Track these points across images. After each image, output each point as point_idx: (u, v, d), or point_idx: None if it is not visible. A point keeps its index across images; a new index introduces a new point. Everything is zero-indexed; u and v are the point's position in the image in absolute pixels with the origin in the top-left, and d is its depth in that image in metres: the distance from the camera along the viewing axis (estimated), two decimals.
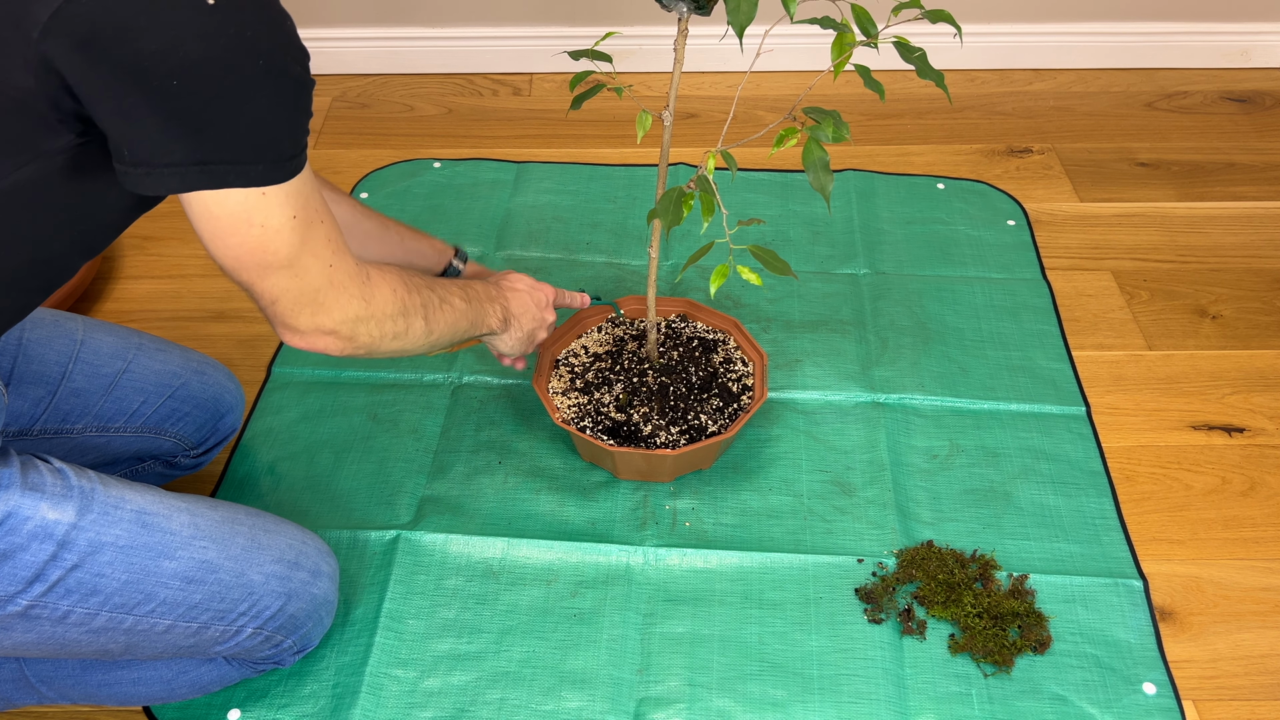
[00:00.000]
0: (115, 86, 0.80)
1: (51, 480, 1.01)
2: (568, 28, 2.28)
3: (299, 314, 1.02)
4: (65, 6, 0.76)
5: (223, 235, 0.93)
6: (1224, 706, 1.25)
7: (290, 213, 0.94)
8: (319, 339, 1.05)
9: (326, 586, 1.20)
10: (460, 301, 1.24)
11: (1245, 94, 2.26)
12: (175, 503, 1.10)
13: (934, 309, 1.73)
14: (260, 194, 0.90)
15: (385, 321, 1.10)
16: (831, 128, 1.06)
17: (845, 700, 1.24)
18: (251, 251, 0.94)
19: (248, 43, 0.83)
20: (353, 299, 1.05)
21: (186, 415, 1.35)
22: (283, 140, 0.90)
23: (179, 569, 1.06)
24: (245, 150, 0.88)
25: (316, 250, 0.99)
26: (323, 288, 1.01)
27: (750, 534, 1.40)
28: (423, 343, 1.18)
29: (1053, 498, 1.45)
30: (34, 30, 0.77)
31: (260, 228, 0.92)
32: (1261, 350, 1.69)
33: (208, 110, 0.83)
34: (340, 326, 1.05)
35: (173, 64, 0.80)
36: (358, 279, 1.05)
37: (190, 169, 0.86)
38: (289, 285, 0.99)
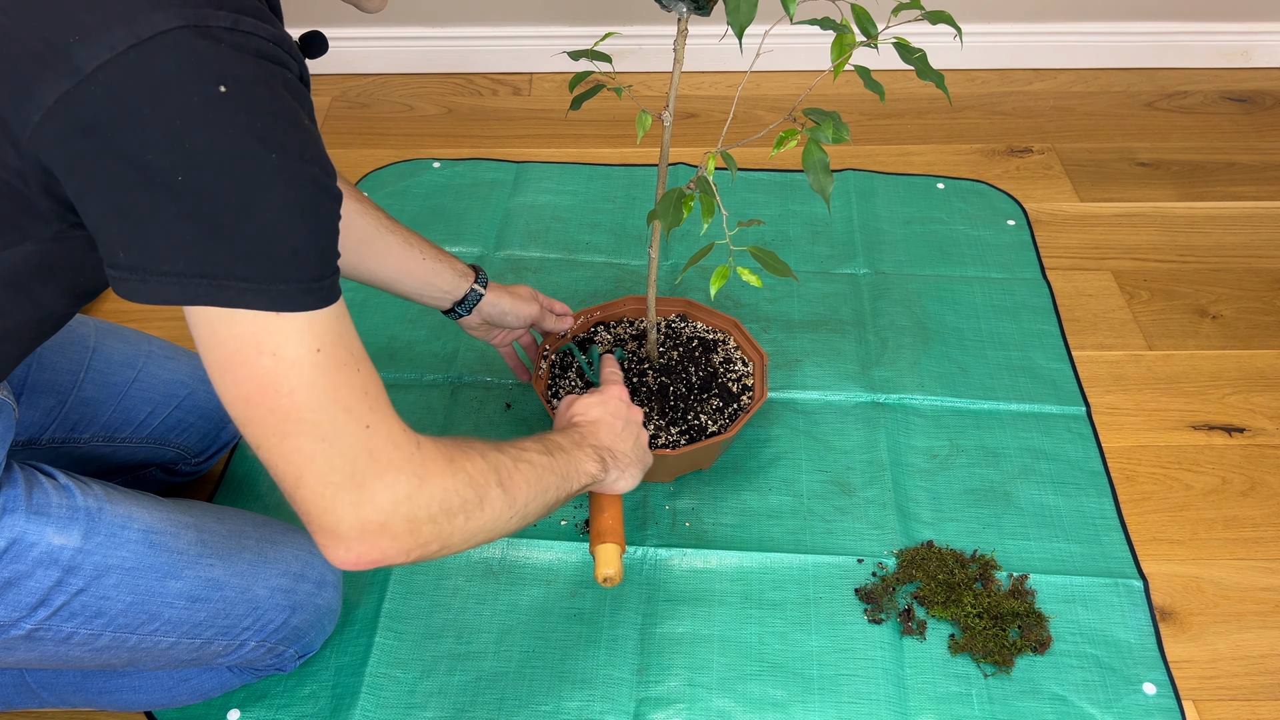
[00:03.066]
0: (118, 178, 0.73)
1: (57, 500, 0.99)
2: (568, 28, 2.28)
3: (336, 502, 0.82)
4: (74, 91, 0.70)
5: (229, 366, 0.78)
6: (1224, 706, 1.25)
7: (313, 345, 0.78)
8: (371, 542, 0.84)
9: (331, 596, 1.20)
10: (540, 456, 1.03)
11: (1245, 94, 2.26)
12: (183, 518, 1.08)
13: (934, 309, 1.73)
14: (272, 316, 0.76)
15: (450, 497, 0.89)
16: (831, 129, 1.05)
17: (845, 700, 1.24)
18: (263, 389, 0.78)
19: (258, 133, 0.74)
20: (400, 473, 0.84)
21: (191, 425, 1.35)
22: (308, 255, 0.77)
23: (185, 588, 1.05)
24: (263, 263, 0.75)
25: (348, 403, 0.81)
26: (359, 456, 0.82)
27: (750, 534, 1.40)
28: (508, 515, 0.96)
29: (1053, 498, 1.45)
30: (35, 113, 0.72)
31: (272, 357, 0.77)
32: (1261, 350, 1.69)
33: (216, 209, 0.73)
34: (392, 518, 0.84)
35: (178, 155, 0.72)
36: (406, 448, 0.86)
37: (196, 281, 0.75)
38: (315, 450, 0.80)
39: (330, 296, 0.79)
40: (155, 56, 0.70)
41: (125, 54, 0.70)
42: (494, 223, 1.92)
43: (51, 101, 0.71)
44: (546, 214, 1.95)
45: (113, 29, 0.70)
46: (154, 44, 0.70)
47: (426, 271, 1.34)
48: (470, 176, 2.04)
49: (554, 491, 1.03)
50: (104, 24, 0.70)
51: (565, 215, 1.94)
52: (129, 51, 0.70)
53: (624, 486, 1.18)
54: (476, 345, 1.66)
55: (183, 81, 0.71)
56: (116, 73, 0.70)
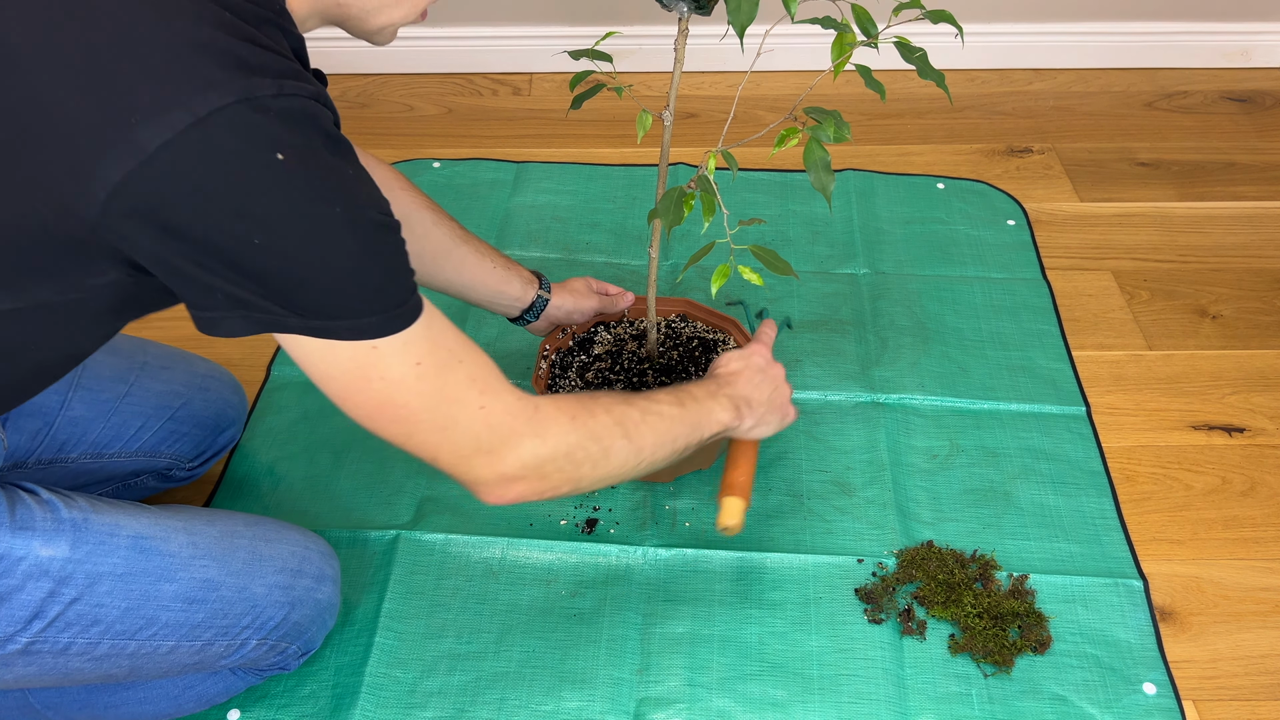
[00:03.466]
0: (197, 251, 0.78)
1: (41, 515, 0.99)
2: (568, 28, 2.28)
3: (471, 465, 0.95)
4: (140, 169, 0.74)
5: (346, 396, 0.88)
6: (1224, 706, 1.25)
7: (413, 360, 0.87)
8: (507, 488, 0.97)
9: (330, 591, 1.20)
10: (670, 407, 1.11)
11: (1245, 94, 2.26)
12: (172, 523, 1.08)
13: (934, 309, 1.73)
14: (371, 348, 0.85)
15: (574, 449, 1.00)
16: (833, 128, 1.05)
17: (845, 700, 1.24)
18: (381, 407, 0.89)
19: (320, 192, 0.79)
20: (522, 436, 0.96)
21: (185, 435, 1.35)
22: (387, 289, 0.85)
23: (180, 590, 1.05)
24: (350, 304, 0.83)
25: (459, 396, 0.91)
26: (481, 433, 0.93)
27: (750, 534, 1.40)
28: (635, 462, 1.07)
29: (1053, 498, 1.45)
30: (101, 191, 0.75)
31: (381, 381, 0.87)
32: (1261, 350, 1.68)
33: (297, 267, 0.80)
34: (523, 468, 0.97)
35: (251, 224, 0.77)
36: (523, 414, 0.96)
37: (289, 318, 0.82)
38: (439, 439, 0.92)
39: (416, 313, 0.87)
40: (215, 133, 0.74)
41: (186, 133, 0.73)
42: (494, 223, 1.92)
43: (118, 179, 0.74)
44: (546, 214, 1.95)
45: (172, 110, 0.73)
46: (211, 121, 0.74)
47: (497, 280, 1.40)
48: (470, 176, 2.04)
49: (684, 439, 1.12)
50: (163, 105, 0.74)
51: (565, 215, 1.94)
52: (189, 130, 0.73)
53: (761, 433, 1.25)
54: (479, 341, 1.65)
55: (243, 154, 0.75)
56: (180, 151, 0.74)
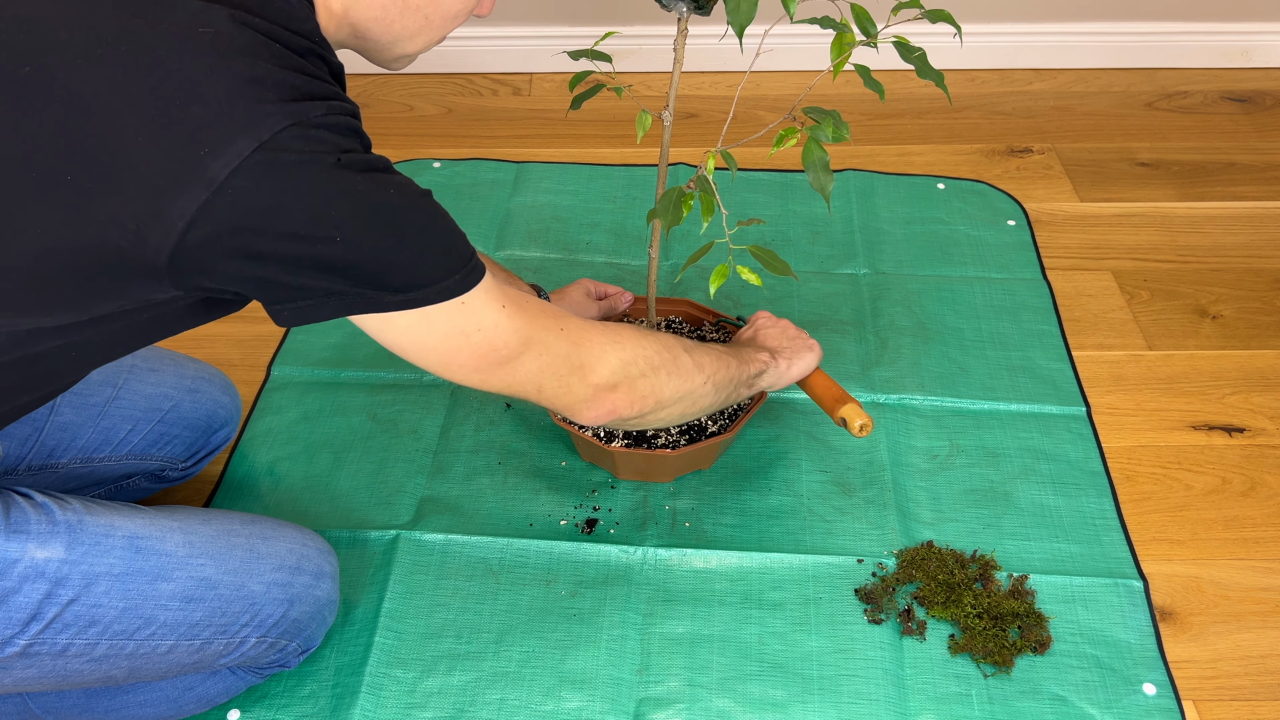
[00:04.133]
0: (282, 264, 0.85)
1: (36, 517, 0.99)
2: (568, 28, 2.28)
3: (570, 385, 1.05)
4: (214, 197, 0.79)
5: (450, 357, 0.96)
6: (1224, 706, 1.25)
7: (499, 304, 0.96)
8: (606, 399, 1.08)
9: (328, 587, 1.20)
10: (714, 346, 1.25)
11: (1245, 94, 2.26)
12: (168, 523, 1.08)
13: (934, 309, 1.73)
14: (461, 305, 0.93)
15: (652, 357, 1.12)
16: (831, 128, 1.06)
17: (845, 701, 1.24)
18: (484, 355, 0.97)
19: (376, 182, 0.87)
20: (604, 346, 1.07)
21: (175, 438, 1.35)
22: (457, 246, 0.94)
23: (177, 589, 1.05)
24: (432, 272, 0.91)
25: (542, 322, 1.01)
26: (569, 351, 1.04)
27: (750, 534, 1.40)
28: (700, 379, 1.18)
29: (1053, 498, 1.45)
30: (179, 222, 0.80)
31: (479, 331, 0.96)
32: (1261, 350, 1.68)
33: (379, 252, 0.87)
34: (615, 377, 1.08)
35: (328, 224, 0.84)
36: (596, 328, 1.08)
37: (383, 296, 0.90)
38: (540, 364, 1.02)
39: (483, 266, 0.96)
40: (280, 151, 0.81)
41: (251, 156, 0.79)
42: (494, 223, 1.92)
43: (194, 211, 0.80)
44: (547, 214, 1.95)
45: (236, 139, 0.79)
46: (274, 143, 0.80)
47: None
48: (470, 176, 2.04)
49: (734, 371, 1.25)
50: (228, 135, 0.79)
51: (565, 215, 1.94)
52: (254, 154, 0.80)
53: (799, 370, 1.36)
54: None
55: (305, 164, 0.82)
56: (250, 174, 0.80)
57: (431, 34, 1.02)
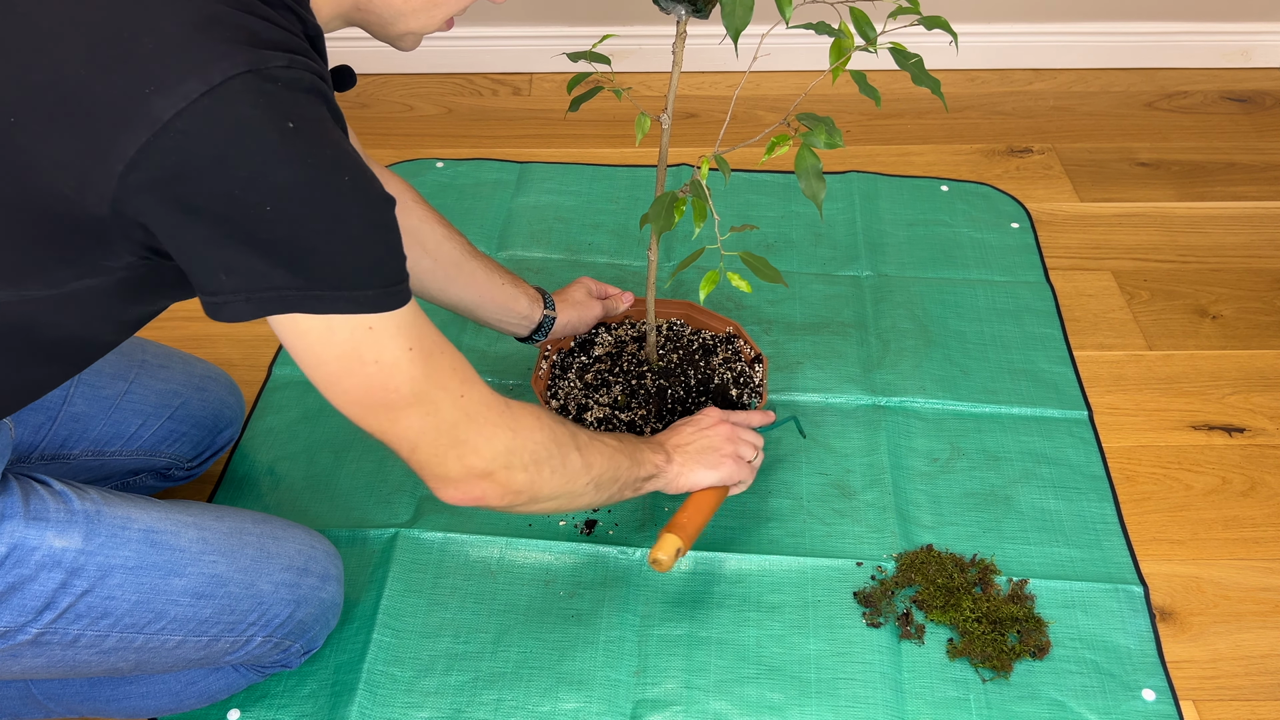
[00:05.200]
0: (208, 221, 0.78)
1: (55, 506, 0.99)
2: (568, 28, 2.28)
3: (445, 458, 0.97)
4: (154, 140, 0.75)
5: (338, 379, 0.89)
6: (1224, 707, 1.25)
7: (405, 344, 0.89)
8: (475, 485, 1.00)
9: (334, 590, 1.20)
10: (611, 439, 1.18)
11: (1245, 94, 2.26)
12: (182, 517, 1.08)
13: (936, 312, 1.73)
14: (368, 329, 0.86)
15: (539, 450, 1.04)
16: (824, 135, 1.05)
17: (842, 704, 1.24)
18: (371, 391, 0.90)
19: (331, 161, 0.81)
20: (497, 428, 0.99)
21: (184, 435, 1.35)
22: (387, 262, 0.86)
23: (189, 585, 1.05)
24: (352, 275, 0.84)
25: (444, 382, 0.94)
26: (460, 421, 0.96)
27: (749, 536, 1.40)
28: (584, 480, 1.11)
29: (1053, 502, 1.45)
30: (119, 163, 0.76)
31: (375, 364, 0.88)
32: (1261, 350, 1.68)
33: (305, 233, 0.81)
34: (493, 465, 1.00)
35: (263, 189, 0.78)
36: (496, 406, 1.00)
37: (293, 292, 0.82)
38: (423, 425, 0.94)
39: (408, 295, 0.89)
40: (228, 101, 0.75)
41: (199, 101, 0.75)
42: (497, 223, 1.92)
43: (133, 152, 0.75)
44: (549, 214, 1.95)
45: (185, 79, 0.75)
46: (224, 89, 0.75)
47: (506, 297, 1.40)
48: (473, 177, 2.04)
49: (626, 471, 1.18)
50: (177, 75, 0.75)
51: (568, 216, 1.94)
52: (202, 99, 0.75)
53: (687, 482, 1.28)
54: (476, 347, 1.66)
55: (256, 122, 0.76)
56: (194, 120, 0.75)
57: (435, 12, 0.95)
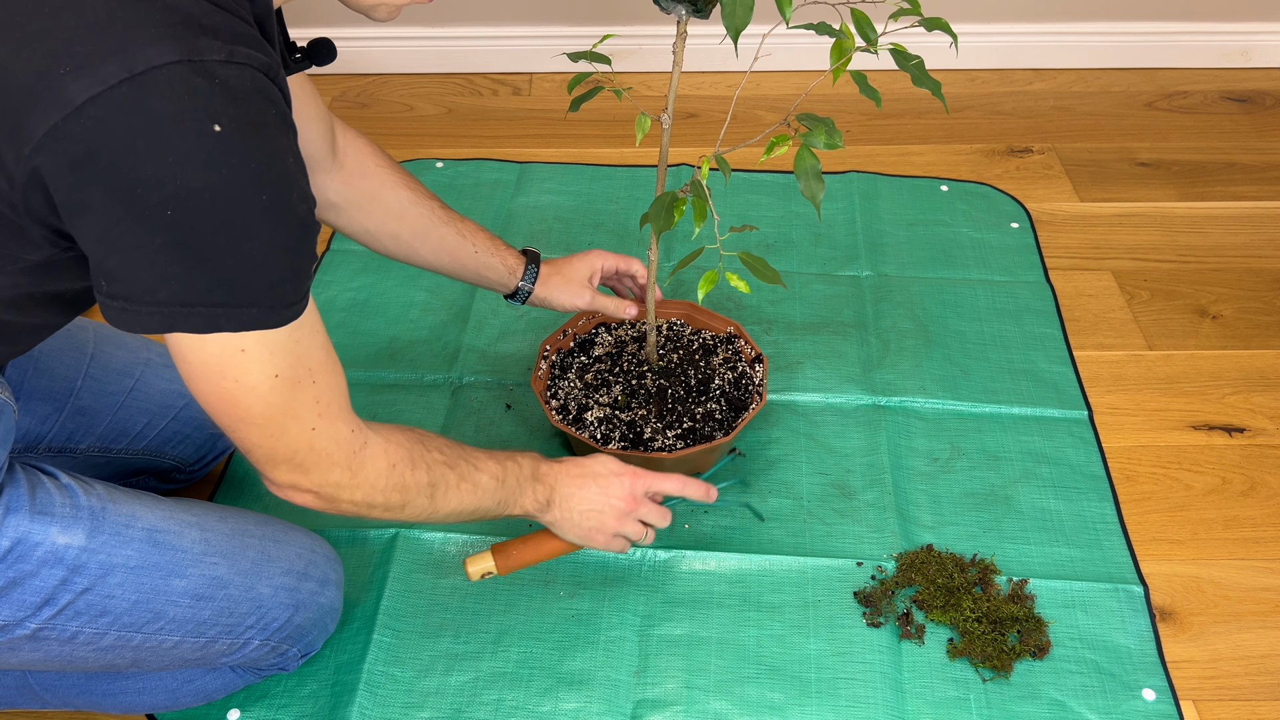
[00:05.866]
0: (106, 211, 0.74)
1: (60, 500, 0.99)
2: (568, 28, 2.28)
3: (274, 469, 0.94)
4: (63, 123, 0.70)
5: (195, 381, 0.85)
6: (1224, 706, 1.25)
7: (271, 371, 0.85)
8: (295, 494, 0.97)
9: (333, 595, 1.20)
10: (489, 479, 1.12)
11: (1245, 94, 2.26)
12: (186, 517, 1.08)
13: (936, 311, 1.73)
14: (239, 350, 0.82)
15: (374, 494, 1.01)
16: (823, 136, 1.05)
17: (843, 704, 1.24)
18: (224, 402, 0.86)
19: (252, 174, 0.75)
20: (335, 467, 0.96)
21: (187, 438, 1.35)
22: (282, 285, 0.82)
23: (189, 587, 1.05)
24: (239, 292, 0.79)
25: (298, 413, 0.90)
26: (301, 450, 0.93)
27: (749, 536, 1.40)
28: (426, 518, 1.09)
29: (1053, 502, 1.45)
30: (27, 145, 0.72)
31: (234, 383, 0.84)
32: (1261, 350, 1.68)
33: (204, 244, 0.76)
34: (320, 489, 0.97)
35: (169, 190, 0.73)
36: (347, 448, 0.96)
37: (176, 310, 0.78)
38: (263, 441, 0.91)
39: (298, 313, 0.84)
40: (149, 92, 0.70)
41: (117, 88, 0.70)
42: (497, 223, 1.92)
43: (42, 134, 0.71)
44: (549, 214, 1.94)
45: (106, 62, 0.70)
46: (147, 79, 0.70)
47: (478, 265, 1.39)
48: (473, 177, 2.04)
49: (486, 511, 1.13)
50: (97, 56, 0.70)
51: (568, 216, 1.94)
52: (121, 85, 0.70)
53: (561, 533, 1.23)
54: (478, 346, 1.66)
55: (177, 119, 0.71)
56: (108, 107, 0.70)
57: None
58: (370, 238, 1.35)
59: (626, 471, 1.22)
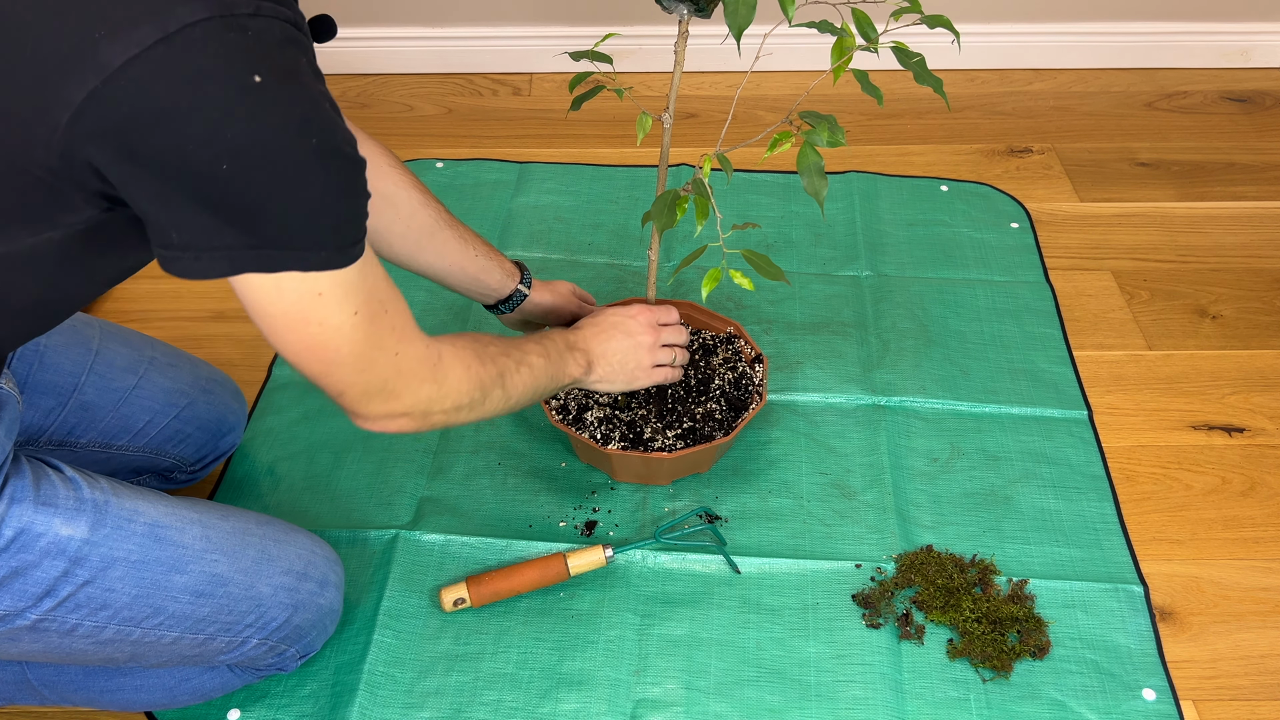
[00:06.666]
0: (158, 176, 0.75)
1: (64, 493, 0.99)
2: (568, 28, 2.28)
3: (369, 403, 0.99)
4: (102, 87, 0.71)
5: (280, 333, 0.89)
6: (1224, 706, 1.25)
7: (351, 309, 0.88)
8: (390, 423, 1.03)
9: (333, 596, 1.20)
10: (538, 359, 1.20)
11: (1245, 94, 2.26)
12: (187, 514, 1.08)
13: (936, 311, 1.73)
14: (317, 295, 0.85)
15: (460, 398, 1.07)
16: (826, 133, 1.05)
17: (842, 706, 1.24)
18: (311, 349, 0.90)
19: (298, 121, 0.77)
20: (424, 383, 1.02)
21: (189, 437, 1.35)
22: (343, 225, 0.84)
23: (189, 583, 1.05)
24: (303, 236, 0.82)
25: (382, 343, 0.95)
26: (390, 378, 0.98)
27: (749, 537, 1.40)
28: (500, 409, 1.16)
29: (1053, 502, 1.45)
30: (66, 111, 0.72)
31: (319, 326, 0.88)
32: (1261, 350, 1.68)
33: (260, 195, 0.77)
34: (412, 409, 1.03)
35: (220, 147, 0.74)
36: (428, 362, 1.02)
37: (243, 252, 0.80)
38: (355, 379, 0.96)
39: (361, 251, 0.87)
40: (185, 50, 0.71)
41: (153, 49, 0.70)
42: (497, 223, 1.92)
43: (80, 100, 0.72)
44: (549, 214, 1.94)
45: (140, 24, 0.70)
46: (182, 37, 0.71)
47: (477, 269, 1.38)
48: (473, 177, 2.04)
49: (544, 388, 1.23)
50: (130, 19, 0.70)
51: (568, 216, 1.94)
52: (157, 46, 0.70)
53: (606, 388, 1.34)
54: None
55: (216, 74, 0.72)
56: (146, 68, 0.71)
57: None
58: (375, 236, 1.35)
59: (635, 310, 1.35)
